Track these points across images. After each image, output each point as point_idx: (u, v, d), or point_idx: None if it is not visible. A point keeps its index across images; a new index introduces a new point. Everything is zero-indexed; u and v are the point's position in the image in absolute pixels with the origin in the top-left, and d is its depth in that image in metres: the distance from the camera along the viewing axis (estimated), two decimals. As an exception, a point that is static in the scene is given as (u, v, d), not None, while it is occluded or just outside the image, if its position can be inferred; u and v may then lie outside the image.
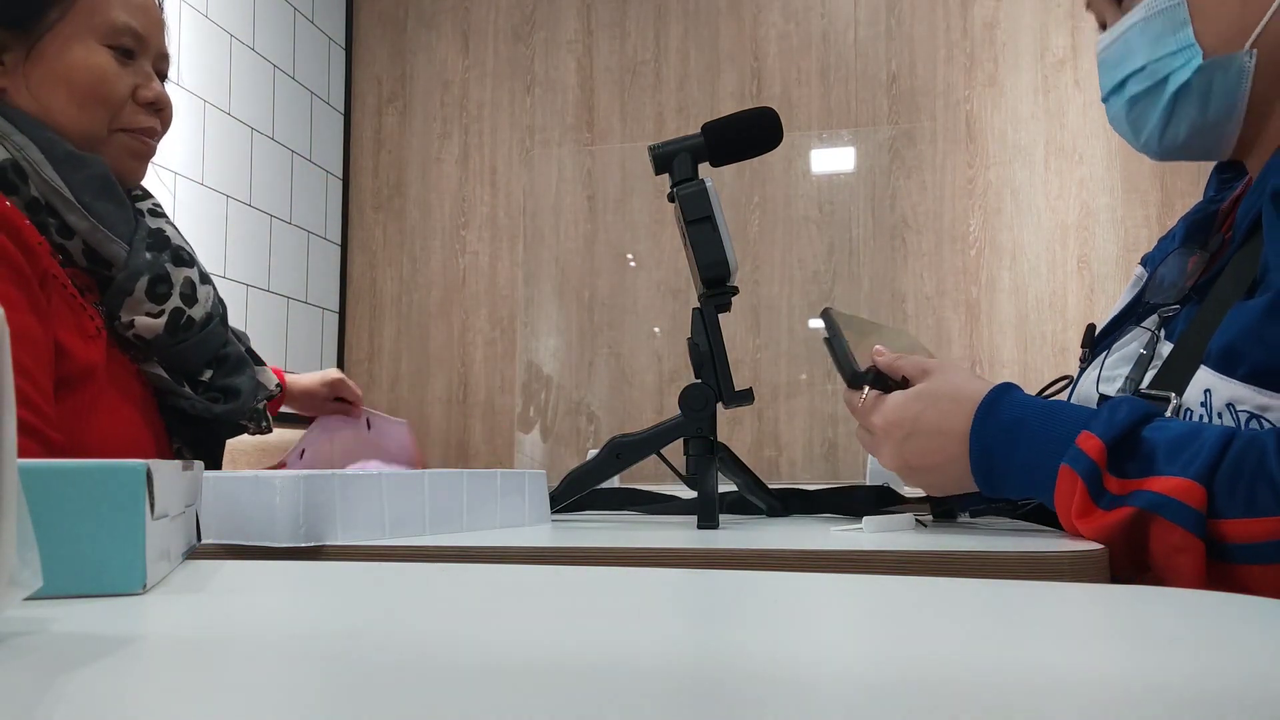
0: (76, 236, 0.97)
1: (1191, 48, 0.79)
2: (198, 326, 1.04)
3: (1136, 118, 0.85)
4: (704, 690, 0.25)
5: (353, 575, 0.48)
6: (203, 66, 2.57)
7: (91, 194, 0.97)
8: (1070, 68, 2.87)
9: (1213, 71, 0.79)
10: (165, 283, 1.01)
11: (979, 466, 0.72)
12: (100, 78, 1.00)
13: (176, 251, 1.04)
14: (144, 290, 0.99)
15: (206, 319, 1.05)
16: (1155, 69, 0.81)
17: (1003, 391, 0.73)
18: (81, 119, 1.00)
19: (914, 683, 0.25)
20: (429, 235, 3.26)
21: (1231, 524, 0.58)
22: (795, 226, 2.99)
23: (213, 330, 1.06)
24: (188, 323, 1.02)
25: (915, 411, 0.75)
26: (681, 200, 0.80)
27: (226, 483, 0.63)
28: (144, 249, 1.01)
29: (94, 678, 0.26)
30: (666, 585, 0.46)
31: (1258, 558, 0.58)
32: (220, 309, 1.09)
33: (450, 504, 0.71)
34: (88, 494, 0.40)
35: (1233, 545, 0.58)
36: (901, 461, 0.77)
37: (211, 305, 1.06)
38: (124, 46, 1.02)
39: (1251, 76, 0.78)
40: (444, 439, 3.19)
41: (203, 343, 1.05)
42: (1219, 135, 0.82)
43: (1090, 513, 0.63)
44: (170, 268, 1.02)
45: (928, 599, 0.41)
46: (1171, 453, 0.62)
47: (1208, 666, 0.27)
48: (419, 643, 0.31)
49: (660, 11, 3.15)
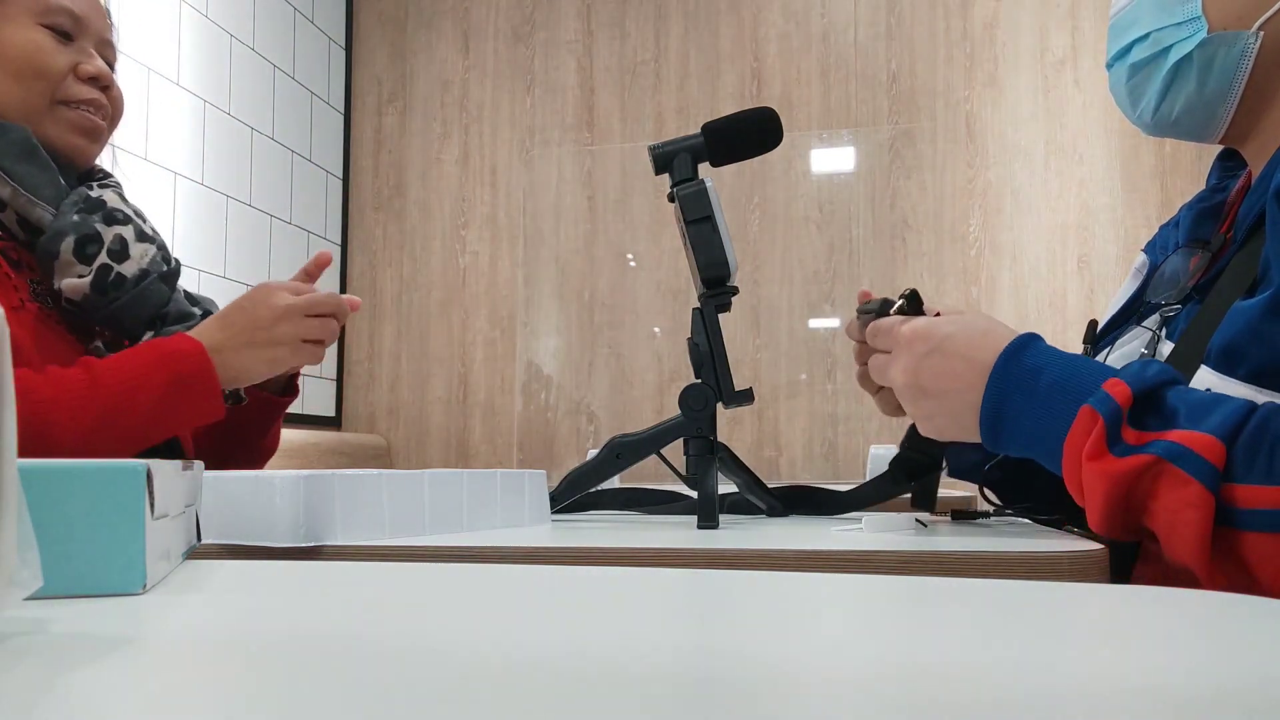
0: (7, 207, 0.97)
1: (1198, 20, 0.79)
2: (130, 283, 0.99)
3: (1135, 86, 0.85)
4: (704, 690, 0.25)
5: (353, 575, 0.48)
6: (203, 66, 2.57)
7: (12, 159, 0.96)
8: (1070, 68, 2.87)
9: (1215, 47, 0.79)
10: (95, 243, 0.98)
11: (990, 404, 0.69)
12: (36, 50, 1.00)
13: (111, 213, 1.01)
14: (71, 251, 0.97)
15: (141, 275, 1.00)
16: (1159, 37, 0.81)
17: (1032, 338, 0.71)
18: (18, 92, 0.99)
19: (914, 683, 0.25)
20: (429, 235, 3.26)
21: (1246, 489, 0.57)
22: (795, 226, 2.99)
23: (148, 287, 1.00)
24: (117, 279, 0.98)
25: (946, 332, 0.73)
26: (681, 200, 0.80)
27: (226, 483, 0.63)
28: (72, 212, 0.98)
29: (94, 678, 0.26)
30: (666, 585, 0.46)
31: (1266, 525, 0.56)
32: (162, 267, 1.03)
33: (450, 504, 0.71)
34: (88, 494, 0.40)
35: (1242, 510, 0.57)
36: (914, 378, 0.74)
37: (149, 262, 1.01)
38: (60, 27, 1.01)
39: (1254, 59, 0.78)
40: (444, 439, 3.19)
41: (137, 300, 1.00)
42: (1212, 114, 0.82)
43: (1101, 456, 0.61)
44: (101, 227, 0.99)
45: (928, 599, 0.41)
46: (1194, 412, 0.60)
47: (1208, 666, 0.27)
48: (419, 643, 0.31)
49: (660, 11, 3.15)
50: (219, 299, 1.11)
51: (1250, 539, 0.57)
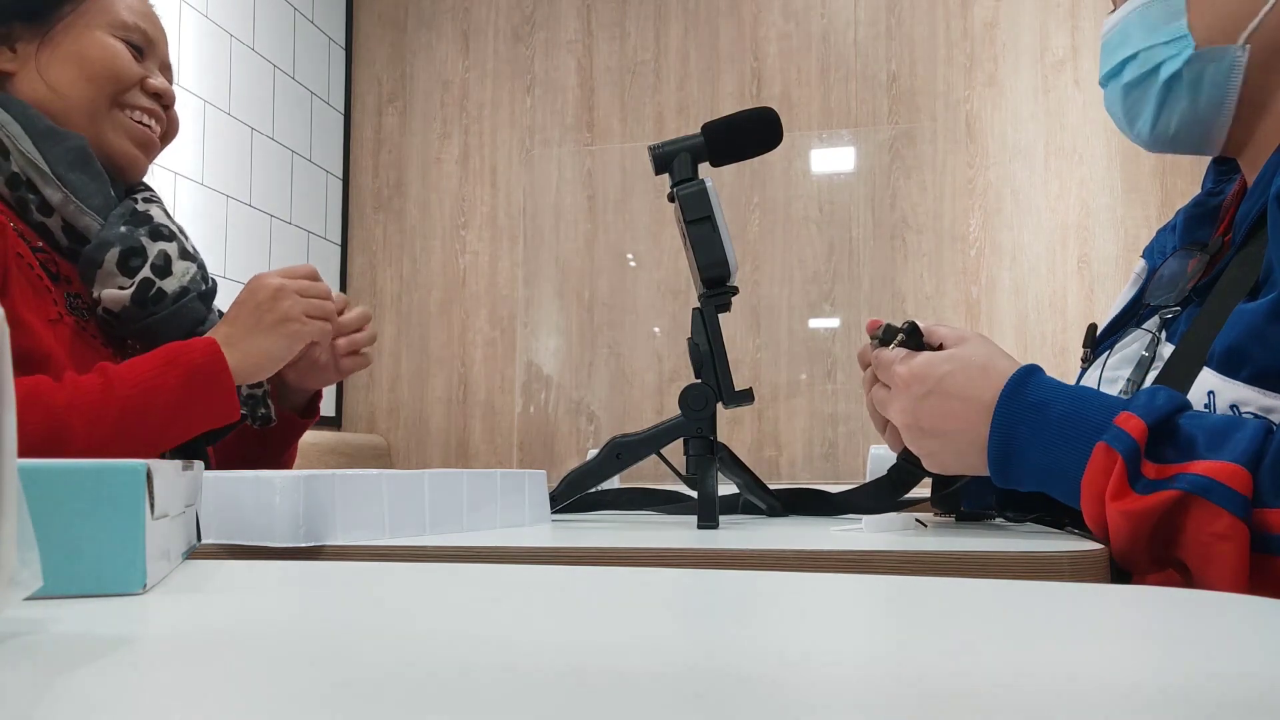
0: (55, 213, 0.98)
1: (1184, 38, 0.80)
2: (169, 300, 1.00)
3: (1131, 105, 0.85)
4: (704, 690, 0.25)
5: (353, 575, 0.48)
6: (203, 66, 2.57)
7: (66, 166, 0.98)
8: (1070, 68, 2.87)
9: (1204, 63, 0.79)
10: (139, 256, 0.99)
11: (998, 443, 0.68)
12: (115, 55, 1.03)
13: (156, 228, 1.02)
14: (115, 262, 0.98)
15: (181, 293, 1.01)
16: (1148, 56, 0.82)
17: (1030, 372, 0.70)
18: (88, 92, 1.02)
19: (914, 683, 0.25)
20: (429, 235, 3.26)
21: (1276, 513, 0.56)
22: (795, 226, 2.99)
23: (187, 305, 1.02)
24: (158, 295, 0.99)
25: (943, 371, 0.72)
26: (681, 200, 0.80)
27: (226, 483, 0.63)
28: (119, 224, 1.00)
29: (94, 678, 0.26)
30: (666, 585, 0.46)
31: None
32: (200, 286, 1.05)
33: (450, 504, 0.71)
34: (88, 494, 0.40)
35: (1276, 535, 0.56)
36: (913, 419, 0.73)
37: (189, 280, 1.03)
38: (134, 42, 1.06)
39: (1244, 71, 0.78)
40: (444, 439, 3.19)
41: (175, 317, 1.01)
42: (1209, 128, 0.82)
43: (1124, 495, 0.60)
44: (145, 241, 1.00)
45: (928, 599, 0.41)
46: (1213, 439, 0.60)
47: (1207, 666, 0.27)
48: (419, 643, 0.31)
49: (660, 11, 3.15)
50: (220, 299, 1.11)
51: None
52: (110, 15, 1.05)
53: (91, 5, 1.04)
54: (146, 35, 1.07)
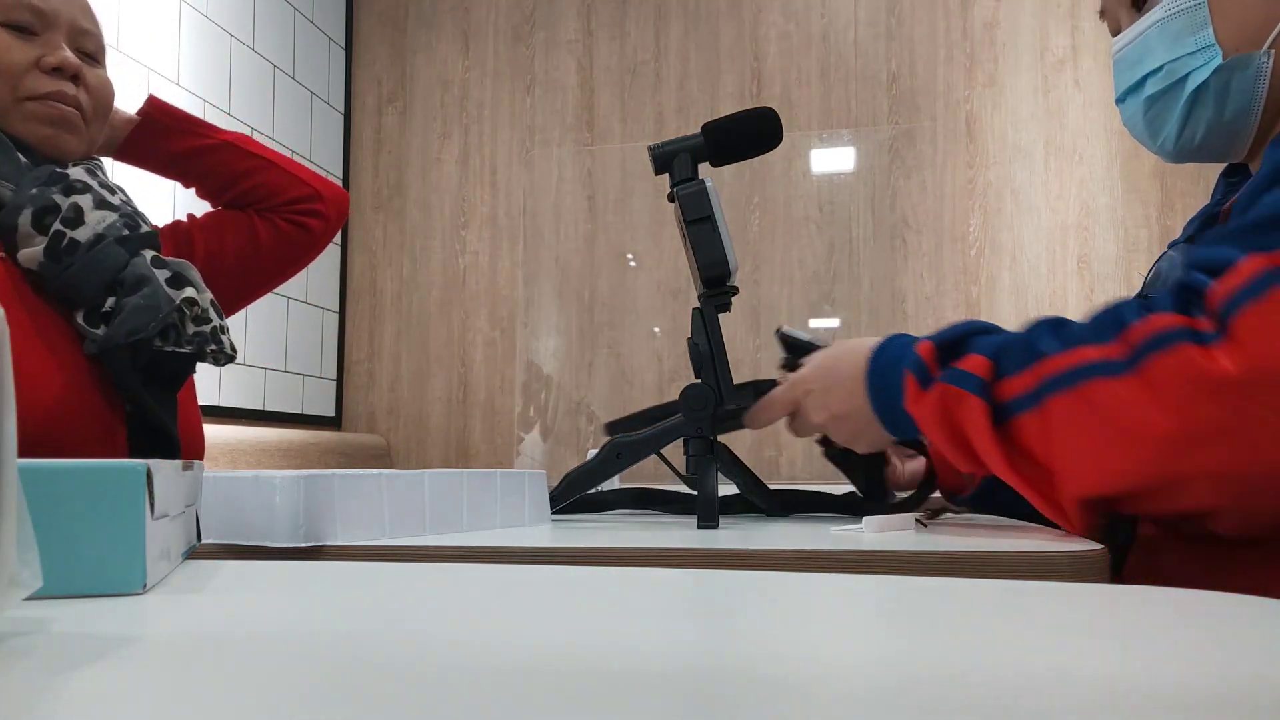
0: None
1: (1211, 48, 0.80)
2: (83, 248, 0.96)
3: (1154, 118, 0.85)
4: (704, 690, 0.25)
5: (353, 575, 0.48)
6: (203, 66, 2.57)
7: None
8: (1070, 68, 2.87)
9: (1230, 72, 0.79)
10: (53, 213, 0.96)
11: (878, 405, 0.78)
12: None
13: (71, 184, 0.99)
14: (29, 223, 0.95)
15: (95, 239, 0.97)
16: (1174, 68, 0.82)
17: (893, 337, 0.79)
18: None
19: (914, 682, 0.25)
20: (429, 235, 3.26)
21: (1007, 382, 0.68)
22: (795, 226, 2.99)
23: (103, 250, 0.97)
24: (70, 245, 0.95)
25: (827, 366, 0.82)
26: (681, 200, 0.80)
27: (226, 483, 0.63)
28: (31, 185, 0.97)
29: (94, 678, 0.26)
30: (666, 585, 0.46)
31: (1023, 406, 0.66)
32: (121, 232, 1.00)
33: (450, 504, 0.71)
34: (88, 494, 0.40)
35: (1007, 400, 0.67)
36: (828, 413, 0.82)
37: (105, 227, 0.98)
38: (19, 23, 1.00)
39: (1270, 77, 0.78)
40: (444, 439, 3.19)
41: (91, 264, 0.96)
42: (1234, 136, 0.82)
43: (919, 399, 0.72)
44: (59, 197, 0.97)
45: (928, 599, 0.41)
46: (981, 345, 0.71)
47: (1208, 666, 0.27)
48: (419, 643, 0.31)
49: (660, 11, 3.15)
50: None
51: (1018, 424, 0.67)
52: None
53: None
54: (34, 9, 1.00)
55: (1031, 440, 0.66)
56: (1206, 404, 0.58)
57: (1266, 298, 0.58)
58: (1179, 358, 0.59)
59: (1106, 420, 0.62)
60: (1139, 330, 0.62)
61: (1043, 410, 0.65)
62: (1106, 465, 0.63)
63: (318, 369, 3.12)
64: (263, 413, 2.77)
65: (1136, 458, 0.61)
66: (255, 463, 2.35)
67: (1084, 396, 0.63)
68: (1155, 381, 0.60)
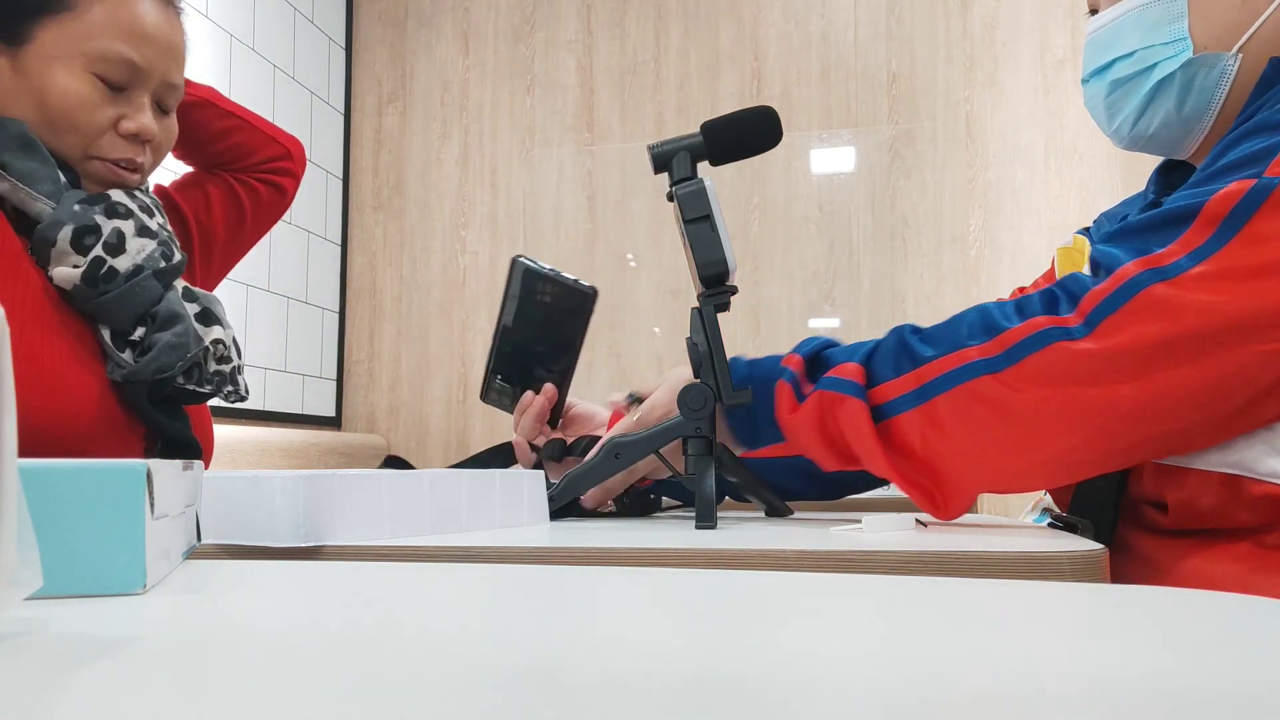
0: (5, 201, 0.95)
1: (1183, 40, 0.80)
2: (122, 278, 0.96)
3: (1114, 102, 0.86)
4: (704, 690, 0.25)
5: (353, 575, 0.48)
6: (203, 66, 2.57)
7: (10, 153, 0.94)
8: (1070, 68, 2.87)
9: (1197, 68, 0.80)
10: (93, 234, 0.95)
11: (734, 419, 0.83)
12: (77, 105, 0.96)
13: (113, 206, 0.98)
14: (68, 241, 0.94)
15: (134, 270, 0.97)
16: (1144, 56, 0.82)
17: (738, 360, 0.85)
18: (50, 139, 0.97)
19: (914, 683, 0.25)
20: (429, 235, 3.26)
21: (885, 385, 0.73)
22: (795, 226, 2.99)
23: (142, 282, 0.97)
24: (109, 273, 0.95)
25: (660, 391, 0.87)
26: (680, 199, 0.80)
27: (226, 483, 0.63)
28: (73, 202, 0.96)
29: (94, 678, 0.26)
30: (666, 585, 0.46)
31: (903, 406, 0.72)
32: (158, 264, 0.99)
33: (450, 504, 0.71)
34: (88, 494, 0.40)
35: (887, 403, 0.73)
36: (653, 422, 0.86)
37: (145, 257, 0.98)
38: (110, 78, 0.97)
39: (1232, 81, 0.79)
40: (444, 439, 3.19)
41: (128, 295, 0.96)
42: (1187, 132, 0.83)
43: (794, 410, 0.77)
44: (100, 219, 0.96)
45: (928, 599, 0.41)
46: (844, 355, 0.78)
47: (1208, 666, 0.27)
48: (419, 643, 0.31)
49: (660, 11, 3.15)
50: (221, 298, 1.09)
51: (899, 423, 0.72)
52: (91, 44, 0.96)
53: (74, 26, 0.95)
54: (133, 66, 0.97)
55: (911, 438, 0.72)
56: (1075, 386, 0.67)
57: (1132, 298, 0.66)
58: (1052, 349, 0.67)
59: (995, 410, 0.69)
60: (1014, 334, 0.69)
61: (926, 409, 0.71)
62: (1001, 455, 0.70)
63: (318, 369, 3.12)
64: (263, 413, 2.77)
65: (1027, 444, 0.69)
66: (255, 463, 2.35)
67: (971, 392, 0.70)
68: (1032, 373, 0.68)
